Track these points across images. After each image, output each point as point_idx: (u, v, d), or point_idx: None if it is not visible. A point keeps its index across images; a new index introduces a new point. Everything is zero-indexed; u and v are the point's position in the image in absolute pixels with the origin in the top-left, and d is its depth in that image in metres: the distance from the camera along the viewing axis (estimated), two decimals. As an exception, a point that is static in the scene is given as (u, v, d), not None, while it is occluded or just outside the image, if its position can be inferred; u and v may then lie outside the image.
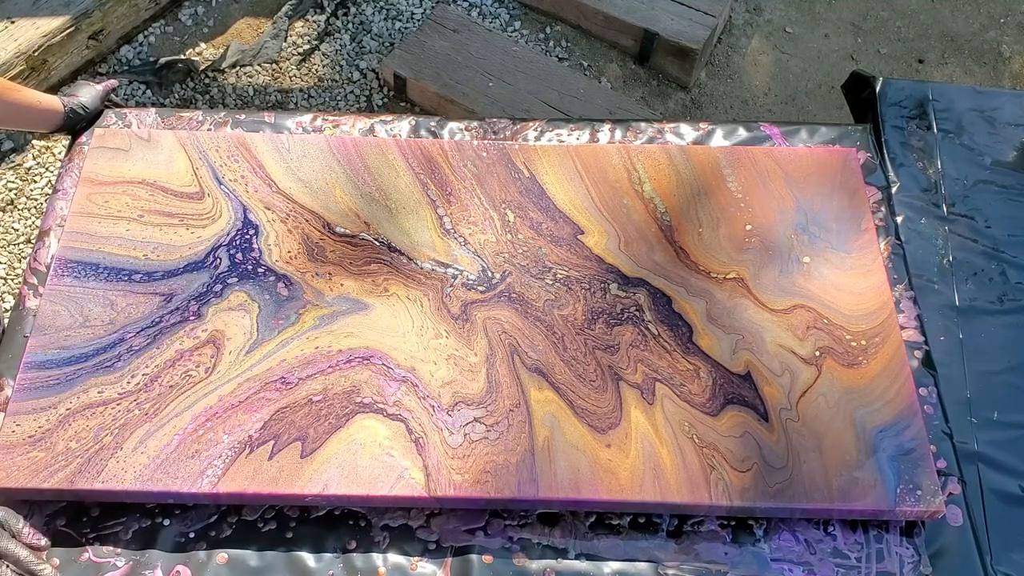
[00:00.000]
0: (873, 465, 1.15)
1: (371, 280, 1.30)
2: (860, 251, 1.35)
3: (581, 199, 1.39)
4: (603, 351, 1.24)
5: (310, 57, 2.53)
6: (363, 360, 1.22)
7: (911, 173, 1.49)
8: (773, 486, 1.13)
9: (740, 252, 1.34)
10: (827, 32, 2.69)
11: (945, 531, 1.16)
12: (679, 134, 1.51)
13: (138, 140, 1.43)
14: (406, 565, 1.12)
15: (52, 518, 1.14)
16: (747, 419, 1.19)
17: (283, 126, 1.50)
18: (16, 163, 2.27)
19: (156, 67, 2.41)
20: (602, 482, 1.13)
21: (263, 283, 1.29)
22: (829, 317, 1.28)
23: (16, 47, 2.20)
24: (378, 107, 2.46)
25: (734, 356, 1.24)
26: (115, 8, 2.38)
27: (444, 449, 1.15)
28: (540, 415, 1.18)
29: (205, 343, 1.23)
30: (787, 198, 1.40)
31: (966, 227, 1.44)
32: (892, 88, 1.58)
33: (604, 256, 1.34)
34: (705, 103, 2.53)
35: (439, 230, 1.36)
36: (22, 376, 1.19)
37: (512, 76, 2.37)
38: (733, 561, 1.13)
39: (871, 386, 1.22)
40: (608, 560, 1.13)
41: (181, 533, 1.13)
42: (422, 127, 1.51)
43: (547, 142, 1.48)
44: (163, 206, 1.36)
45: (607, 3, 2.51)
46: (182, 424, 1.16)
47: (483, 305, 1.28)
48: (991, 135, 1.54)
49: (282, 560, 1.12)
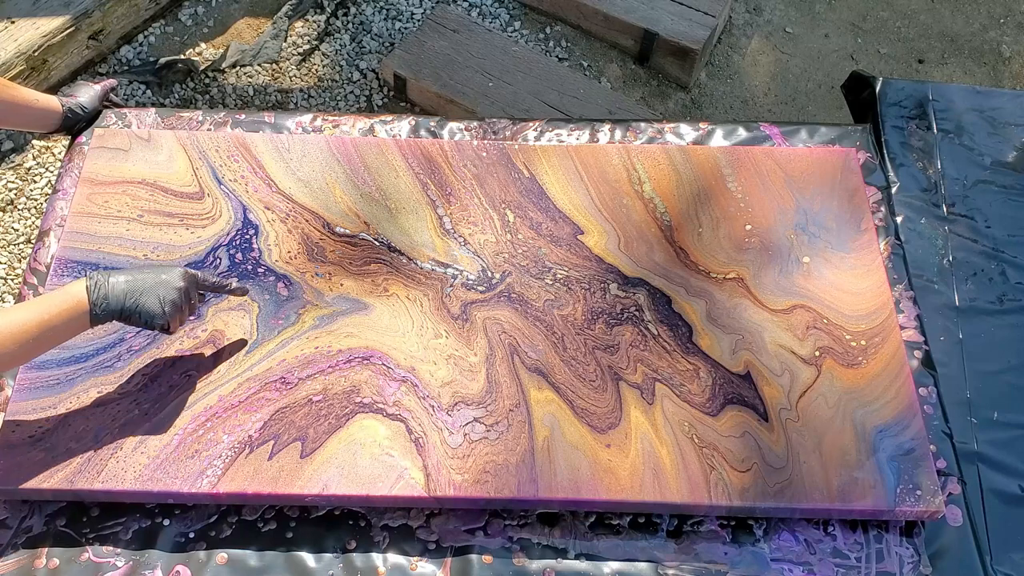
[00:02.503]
0: (873, 465, 1.15)
1: (371, 280, 1.30)
2: (860, 251, 1.35)
3: (581, 199, 1.39)
4: (603, 351, 1.24)
5: (310, 57, 2.53)
6: (363, 360, 1.22)
7: (911, 173, 1.49)
8: (773, 486, 1.13)
9: (740, 252, 1.34)
10: (827, 32, 2.69)
11: (945, 531, 1.16)
12: (679, 134, 1.51)
13: (138, 140, 1.43)
14: (406, 565, 1.12)
15: (52, 518, 1.14)
16: (747, 419, 1.19)
17: (283, 126, 1.50)
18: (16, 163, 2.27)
19: (156, 67, 2.41)
20: (602, 482, 1.13)
21: (263, 283, 1.29)
22: (829, 317, 1.28)
23: (16, 47, 2.20)
24: (378, 107, 2.46)
25: (734, 356, 1.24)
26: (115, 8, 2.38)
27: (444, 449, 1.15)
28: (540, 415, 1.18)
29: (205, 343, 1.23)
30: (787, 198, 1.40)
31: (966, 227, 1.44)
32: (892, 88, 1.58)
33: (604, 256, 1.34)
34: (705, 103, 2.53)
35: (439, 230, 1.36)
36: (22, 376, 1.19)
37: (512, 76, 2.37)
38: (733, 561, 1.13)
39: (871, 386, 1.22)
40: (608, 560, 1.13)
41: (181, 533, 1.13)
42: (422, 127, 1.51)
43: (547, 142, 1.48)
44: (163, 206, 1.36)
45: (607, 3, 2.51)
46: (182, 424, 1.16)
47: (483, 305, 1.28)
48: (991, 135, 1.54)
49: (282, 560, 1.12)
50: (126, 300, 1.09)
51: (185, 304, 1.14)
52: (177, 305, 1.12)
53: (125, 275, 1.11)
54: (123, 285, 1.10)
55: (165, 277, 1.12)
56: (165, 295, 1.11)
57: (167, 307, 1.11)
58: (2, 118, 1.32)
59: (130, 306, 1.09)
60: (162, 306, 1.10)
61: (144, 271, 1.12)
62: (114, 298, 1.08)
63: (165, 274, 1.12)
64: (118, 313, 1.09)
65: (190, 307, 1.16)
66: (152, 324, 1.11)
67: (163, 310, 1.10)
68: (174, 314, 1.12)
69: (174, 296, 1.11)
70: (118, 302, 1.09)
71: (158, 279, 1.12)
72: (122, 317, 1.10)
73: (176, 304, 1.12)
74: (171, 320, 1.12)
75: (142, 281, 1.11)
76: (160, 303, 1.10)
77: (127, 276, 1.11)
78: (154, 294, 1.10)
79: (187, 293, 1.14)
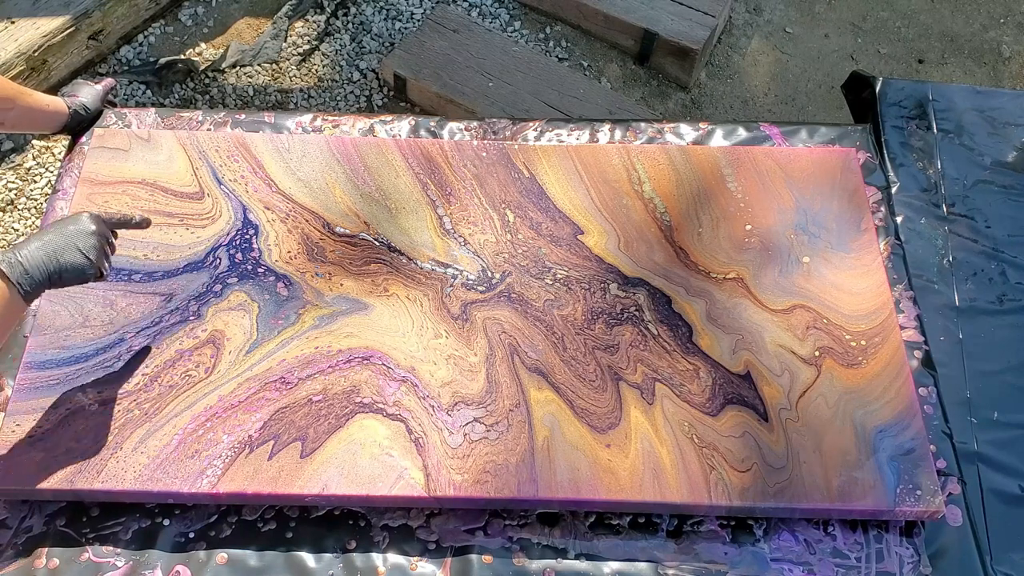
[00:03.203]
0: (873, 465, 1.15)
1: (371, 280, 1.30)
2: (860, 251, 1.35)
3: (581, 199, 1.39)
4: (603, 351, 1.24)
5: (310, 57, 2.53)
6: (363, 360, 1.22)
7: (911, 173, 1.49)
8: (773, 486, 1.13)
9: (740, 252, 1.34)
10: (827, 32, 2.69)
11: (945, 531, 1.16)
12: (679, 134, 1.51)
13: (138, 140, 1.43)
14: (406, 565, 1.12)
15: (52, 518, 1.14)
16: (747, 419, 1.19)
17: (283, 126, 1.50)
18: (16, 163, 2.27)
19: (156, 67, 2.41)
20: (602, 482, 1.13)
21: (263, 283, 1.29)
22: (829, 317, 1.28)
23: (16, 47, 2.20)
24: (378, 107, 2.46)
25: (734, 356, 1.24)
26: (115, 8, 2.38)
27: (444, 449, 1.15)
28: (540, 415, 1.18)
29: (205, 343, 1.23)
30: (787, 198, 1.40)
31: (966, 227, 1.44)
32: (892, 88, 1.58)
33: (604, 256, 1.34)
34: (705, 103, 2.53)
35: (439, 230, 1.36)
36: (22, 376, 1.19)
37: (512, 76, 2.37)
38: (733, 561, 1.13)
39: (871, 386, 1.22)
40: (608, 560, 1.13)
41: (181, 533, 1.13)
42: (422, 127, 1.51)
43: (547, 142, 1.48)
44: (163, 206, 1.36)
45: (607, 3, 2.51)
46: (182, 424, 1.16)
47: (483, 305, 1.28)
48: (991, 135, 1.54)
49: (282, 560, 1.12)
50: (48, 265, 1.04)
51: (105, 244, 1.10)
52: (99, 249, 1.08)
53: (35, 241, 1.05)
54: (38, 252, 1.04)
55: (73, 228, 1.08)
56: (84, 244, 1.07)
57: (91, 255, 1.07)
58: (17, 123, 1.33)
59: (54, 268, 1.04)
60: (86, 256, 1.06)
61: (49, 232, 1.07)
62: (35, 268, 1.03)
63: (72, 224, 1.08)
64: (46, 281, 1.04)
65: (111, 246, 1.13)
66: (84, 277, 1.07)
67: (88, 259, 1.07)
68: (100, 259, 1.08)
69: (92, 241, 1.08)
70: (41, 271, 1.04)
71: (69, 231, 1.07)
72: (51, 283, 1.05)
73: (98, 248, 1.08)
74: (99, 265, 1.08)
75: (54, 241, 1.06)
76: (83, 253, 1.06)
77: (37, 242, 1.05)
78: (72, 247, 1.06)
79: (103, 234, 1.10)
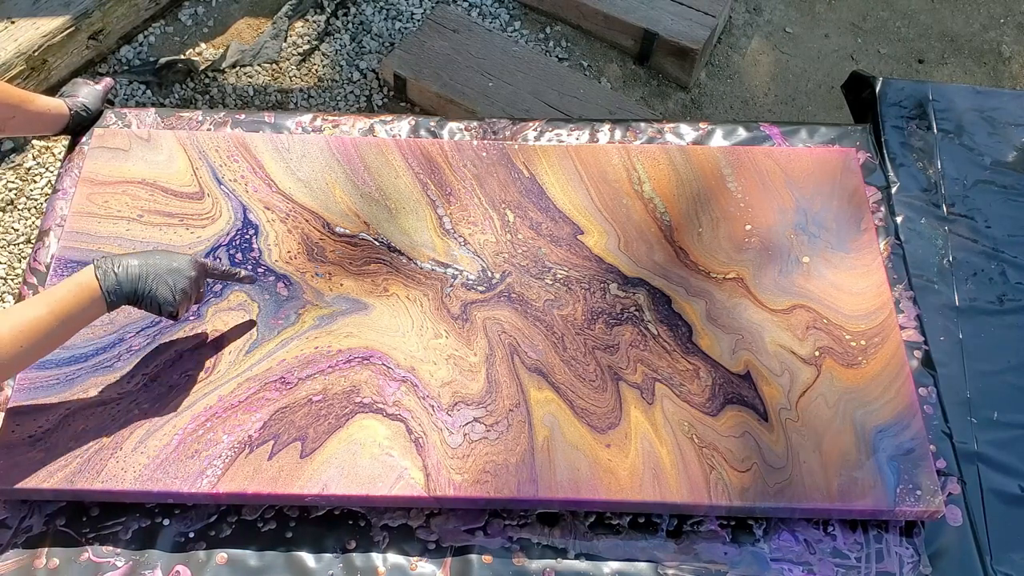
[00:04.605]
0: (873, 465, 1.15)
1: (371, 280, 1.30)
2: (860, 251, 1.35)
3: (581, 199, 1.39)
4: (603, 351, 1.24)
5: (310, 57, 2.53)
6: (363, 360, 1.22)
7: (911, 173, 1.49)
8: (773, 486, 1.13)
9: (740, 252, 1.34)
10: (827, 32, 2.69)
11: (945, 531, 1.16)
12: (679, 134, 1.51)
13: (138, 140, 1.43)
14: (406, 565, 1.12)
15: (52, 518, 1.14)
16: (747, 419, 1.19)
17: (283, 126, 1.50)
18: (16, 163, 2.27)
19: (156, 67, 2.41)
20: (602, 482, 1.13)
21: (263, 283, 1.29)
22: (829, 317, 1.28)
23: (16, 47, 2.20)
24: (378, 107, 2.46)
25: (734, 356, 1.24)
26: (115, 8, 2.38)
27: (444, 449, 1.15)
28: (540, 415, 1.18)
29: (205, 343, 1.23)
30: (787, 198, 1.40)
31: (966, 227, 1.44)
32: (892, 88, 1.58)
33: (604, 256, 1.34)
34: (705, 103, 2.53)
35: (439, 230, 1.36)
36: (22, 376, 1.19)
37: (512, 76, 2.37)
38: (733, 561, 1.13)
39: (871, 386, 1.22)
40: (608, 560, 1.13)
41: (181, 533, 1.13)
42: (422, 127, 1.51)
43: (547, 142, 1.48)
44: (163, 206, 1.36)
45: (607, 3, 2.51)
46: (182, 424, 1.16)
47: (483, 305, 1.28)
48: (991, 135, 1.54)
49: (282, 560, 1.12)
50: (139, 284, 1.10)
51: (194, 292, 1.15)
52: (187, 294, 1.13)
53: (136, 259, 1.11)
54: (136, 269, 1.10)
55: (176, 265, 1.13)
56: (176, 283, 1.12)
57: (178, 295, 1.12)
58: (20, 128, 1.33)
59: (143, 290, 1.10)
60: (173, 293, 1.11)
61: (155, 256, 1.13)
62: (127, 282, 1.09)
63: (176, 262, 1.13)
64: (131, 296, 1.10)
65: (197, 296, 1.17)
66: (161, 310, 1.12)
67: (174, 297, 1.11)
68: (183, 302, 1.13)
69: (184, 284, 1.13)
70: (131, 285, 1.09)
71: (170, 266, 1.13)
72: (133, 301, 1.11)
73: (186, 292, 1.13)
74: (179, 307, 1.13)
75: (154, 266, 1.11)
76: (172, 290, 1.11)
77: (139, 260, 1.11)
78: (165, 281, 1.11)
79: (197, 282, 1.15)
